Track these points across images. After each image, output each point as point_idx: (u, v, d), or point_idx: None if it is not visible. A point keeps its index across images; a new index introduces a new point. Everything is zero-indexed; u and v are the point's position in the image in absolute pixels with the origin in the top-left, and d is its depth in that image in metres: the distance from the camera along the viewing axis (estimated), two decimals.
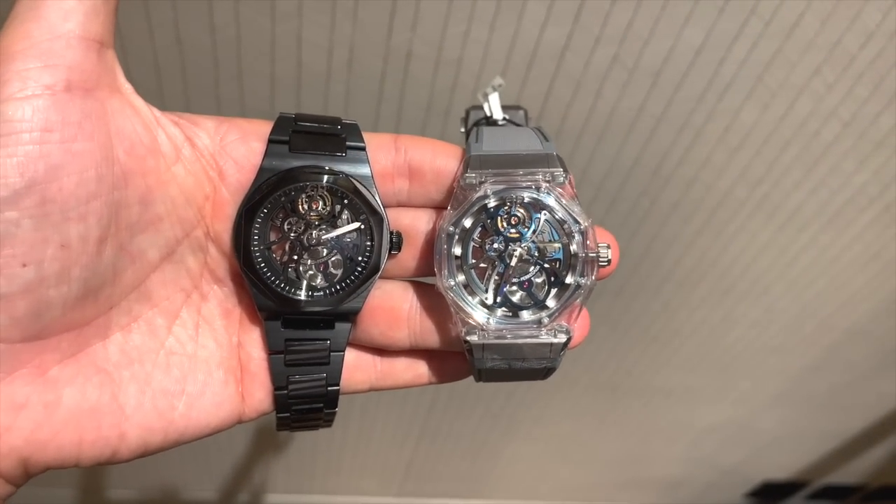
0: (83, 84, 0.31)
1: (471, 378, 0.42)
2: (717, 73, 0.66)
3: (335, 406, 0.40)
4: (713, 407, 1.26)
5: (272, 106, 0.66)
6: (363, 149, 0.39)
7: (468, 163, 0.39)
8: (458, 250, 0.39)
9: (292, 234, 0.39)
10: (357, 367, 0.41)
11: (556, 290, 0.39)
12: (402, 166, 0.39)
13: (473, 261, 0.40)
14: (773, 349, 1.10)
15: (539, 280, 0.40)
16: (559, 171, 0.39)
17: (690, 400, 1.22)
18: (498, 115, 0.52)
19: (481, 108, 0.53)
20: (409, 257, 0.40)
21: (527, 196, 0.39)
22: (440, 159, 0.39)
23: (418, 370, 0.42)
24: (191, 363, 0.37)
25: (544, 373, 0.40)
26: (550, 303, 0.39)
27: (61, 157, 0.30)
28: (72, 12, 0.31)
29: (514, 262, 0.39)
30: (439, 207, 0.41)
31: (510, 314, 0.39)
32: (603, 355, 1.08)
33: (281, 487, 1.41)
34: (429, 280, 0.41)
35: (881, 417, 1.30)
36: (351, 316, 0.39)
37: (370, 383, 0.41)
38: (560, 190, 0.39)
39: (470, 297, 0.39)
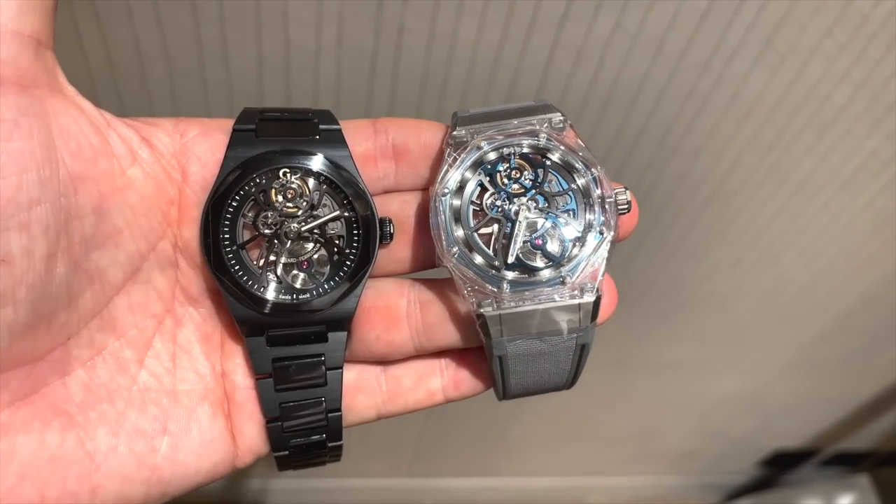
0: (18, 80, 0.27)
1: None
2: (723, 38, 0.64)
3: (340, 437, 0.35)
4: (723, 379, 1.24)
5: (261, 87, 0.64)
6: (338, 130, 0.34)
7: (456, 122, 0.35)
8: (457, 212, 0.34)
9: (267, 231, 0.34)
10: (359, 388, 0.36)
11: (574, 244, 0.35)
12: (386, 147, 0.35)
13: (475, 223, 0.35)
14: (784, 319, 1.08)
15: (552, 236, 0.35)
16: (556, 114, 0.34)
17: (700, 372, 1.21)
18: None
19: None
20: (401, 246, 0.36)
21: (526, 145, 0.34)
22: (426, 134, 0.36)
23: (429, 385, 0.37)
24: (170, 400, 0.32)
25: (579, 352, 0.35)
26: (570, 257, 0.35)
27: None
28: (3, 6, 0.26)
29: (521, 218, 0.34)
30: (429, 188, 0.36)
31: (525, 275, 0.34)
32: (610, 330, 1.07)
33: (288, 472, 1.41)
34: (426, 276, 0.37)
35: (893, 383, 1.29)
36: (345, 322, 0.34)
37: (377, 408, 0.37)
38: (561, 136, 0.35)
39: (477, 264, 0.34)
